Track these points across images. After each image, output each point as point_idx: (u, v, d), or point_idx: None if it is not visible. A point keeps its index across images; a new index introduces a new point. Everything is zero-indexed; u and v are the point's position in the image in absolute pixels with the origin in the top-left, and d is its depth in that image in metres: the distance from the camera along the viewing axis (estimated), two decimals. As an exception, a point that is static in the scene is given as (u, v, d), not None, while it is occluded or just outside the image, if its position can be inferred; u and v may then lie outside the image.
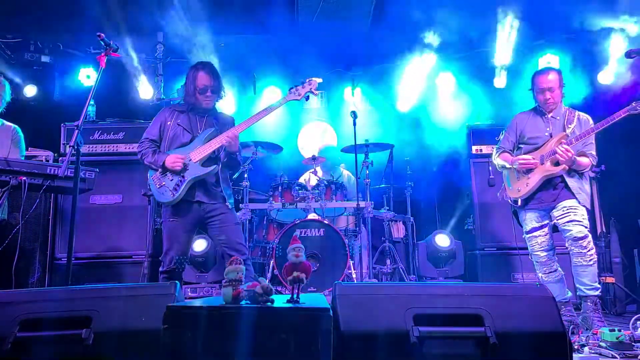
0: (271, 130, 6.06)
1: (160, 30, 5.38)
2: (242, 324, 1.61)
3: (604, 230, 4.65)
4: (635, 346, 2.67)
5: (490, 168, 4.65)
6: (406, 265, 5.15)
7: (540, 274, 3.45)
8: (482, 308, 1.75)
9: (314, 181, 4.97)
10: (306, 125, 6.76)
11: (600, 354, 2.64)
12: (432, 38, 5.46)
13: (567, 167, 3.27)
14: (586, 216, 3.28)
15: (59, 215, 4.51)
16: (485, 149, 4.86)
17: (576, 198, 3.27)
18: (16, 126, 3.80)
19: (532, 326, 1.73)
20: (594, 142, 3.41)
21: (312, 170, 5.08)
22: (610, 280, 4.44)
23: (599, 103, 4.90)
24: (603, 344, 2.69)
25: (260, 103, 6.26)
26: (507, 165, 3.51)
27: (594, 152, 3.39)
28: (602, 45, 5.23)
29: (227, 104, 6.09)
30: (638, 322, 3.03)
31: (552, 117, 3.48)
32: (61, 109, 5.33)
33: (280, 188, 4.80)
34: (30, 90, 5.68)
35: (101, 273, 4.35)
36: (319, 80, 3.38)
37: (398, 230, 5.30)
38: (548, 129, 3.45)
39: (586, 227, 3.24)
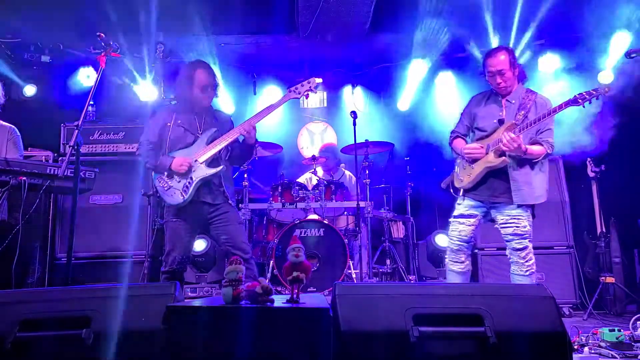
0: (271, 130, 6.06)
1: (160, 30, 5.37)
2: (242, 324, 1.61)
3: (604, 230, 4.65)
4: (635, 346, 2.68)
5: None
6: (406, 265, 5.15)
7: (447, 261, 3.31)
8: (482, 308, 1.75)
9: (314, 181, 4.97)
10: (306, 125, 6.78)
11: (600, 354, 2.64)
12: (431, 37, 5.46)
13: (507, 160, 3.03)
14: (529, 223, 3.09)
15: (59, 215, 4.50)
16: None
17: (516, 201, 3.04)
18: (13, 126, 3.79)
19: (532, 326, 1.73)
20: (552, 128, 3.12)
21: (312, 170, 5.09)
22: (610, 280, 4.44)
23: (599, 103, 4.89)
24: (603, 344, 2.69)
25: (260, 103, 6.27)
26: (459, 153, 3.31)
27: (550, 140, 3.08)
28: (602, 45, 5.23)
29: (226, 104, 6.10)
30: (638, 322, 3.03)
31: (507, 100, 3.19)
32: (61, 109, 5.33)
33: (280, 188, 4.81)
34: (30, 90, 5.68)
35: (101, 273, 4.34)
36: (319, 80, 3.38)
37: (398, 230, 5.30)
38: (500, 113, 3.16)
39: (527, 238, 3.07)
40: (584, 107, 2.93)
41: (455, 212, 3.31)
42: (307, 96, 3.38)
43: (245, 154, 3.39)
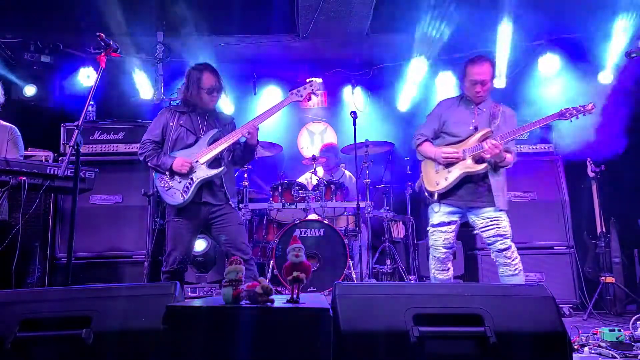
0: (271, 130, 6.06)
1: (160, 30, 5.38)
2: (242, 324, 1.61)
3: (604, 230, 4.65)
4: (635, 346, 2.68)
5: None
6: (406, 265, 5.15)
7: (433, 271, 3.29)
8: (482, 308, 1.75)
9: (314, 181, 4.97)
10: (306, 125, 6.78)
11: (600, 354, 2.65)
12: (432, 37, 5.46)
13: (488, 167, 3.12)
14: (508, 223, 3.14)
15: (59, 215, 4.50)
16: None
17: (494, 204, 3.11)
18: (13, 126, 3.79)
19: (532, 326, 1.73)
20: (514, 139, 3.25)
21: (312, 170, 5.09)
22: (610, 280, 4.44)
23: (599, 103, 4.89)
24: (603, 344, 2.69)
25: (260, 103, 6.27)
26: (430, 156, 3.30)
27: (515, 150, 3.27)
28: (602, 45, 5.23)
29: (226, 104, 6.10)
30: (638, 322, 3.03)
31: (478, 108, 3.28)
32: (61, 109, 5.33)
33: (280, 188, 4.81)
34: (30, 90, 5.68)
35: (101, 273, 4.34)
36: (319, 80, 3.39)
37: (398, 230, 5.30)
38: (473, 121, 3.24)
39: (509, 237, 3.11)
40: (571, 121, 3.07)
41: (435, 221, 3.29)
42: (309, 99, 3.37)
43: (247, 155, 3.41)
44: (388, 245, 5.01)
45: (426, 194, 3.37)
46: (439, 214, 3.26)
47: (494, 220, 3.13)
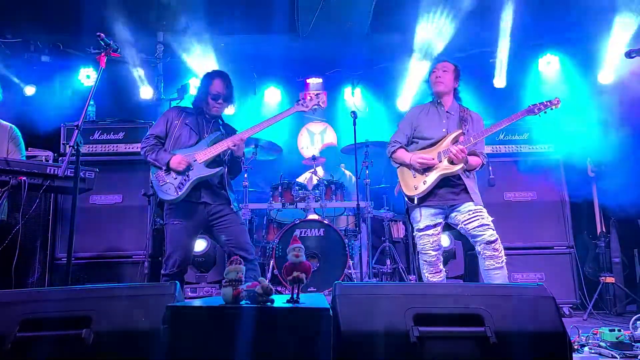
0: (271, 131, 6.05)
1: (160, 30, 5.38)
2: (242, 324, 1.61)
3: (604, 230, 4.65)
4: (635, 346, 2.68)
5: (491, 168, 4.65)
6: (406, 265, 5.15)
7: (426, 275, 3.31)
8: (482, 308, 1.75)
9: (314, 181, 4.98)
10: (306, 125, 6.78)
11: (600, 354, 2.65)
12: (431, 37, 5.46)
13: (464, 166, 3.21)
14: (488, 215, 3.20)
15: (59, 215, 4.51)
16: (485, 149, 4.83)
17: (473, 200, 3.20)
18: (13, 125, 3.79)
19: (532, 326, 1.73)
20: (483, 140, 3.35)
21: (312, 170, 5.08)
22: (610, 280, 4.44)
23: (599, 103, 4.90)
24: (603, 344, 2.69)
25: (260, 103, 6.26)
26: (406, 162, 3.33)
27: (484, 151, 3.35)
28: (602, 45, 5.23)
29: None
30: (638, 322, 3.03)
31: (447, 112, 3.39)
32: (61, 109, 5.34)
33: (280, 188, 4.81)
34: (30, 90, 5.68)
35: (101, 273, 4.34)
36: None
37: (398, 230, 5.30)
38: (444, 122, 3.35)
39: (494, 229, 3.14)
40: (539, 116, 3.22)
41: (421, 226, 3.31)
42: (314, 111, 3.40)
43: (233, 167, 3.37)
44: (388, 245, 5.01)
45: (406, 198, 3.41)
46: (422, 218, 3.30)
47: (477, 212, 3.17)
